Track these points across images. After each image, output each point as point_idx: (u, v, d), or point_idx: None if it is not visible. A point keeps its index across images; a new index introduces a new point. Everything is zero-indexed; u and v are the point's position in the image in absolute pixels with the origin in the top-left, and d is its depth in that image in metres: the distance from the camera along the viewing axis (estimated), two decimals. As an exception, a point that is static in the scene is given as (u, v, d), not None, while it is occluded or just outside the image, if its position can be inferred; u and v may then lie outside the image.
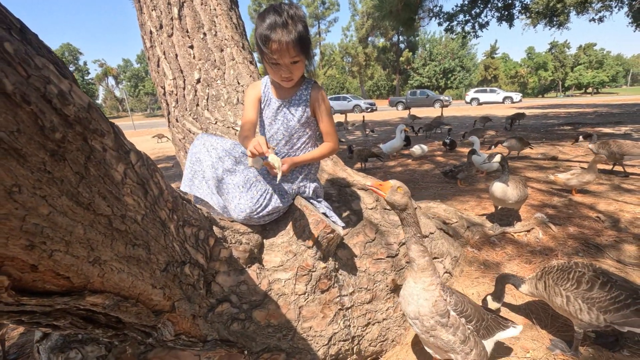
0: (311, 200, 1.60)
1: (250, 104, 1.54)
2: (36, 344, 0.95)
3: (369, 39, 47.77)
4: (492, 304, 1.97)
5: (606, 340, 1.79)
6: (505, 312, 2.11)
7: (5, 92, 0.46)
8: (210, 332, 1.11)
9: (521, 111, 12.20)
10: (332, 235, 1.47)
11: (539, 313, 2.06)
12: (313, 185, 1.60)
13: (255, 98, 1.56)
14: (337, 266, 1.61)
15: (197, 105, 2.34)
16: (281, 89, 1.50)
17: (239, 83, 2.40)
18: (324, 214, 1.58)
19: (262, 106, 1.55)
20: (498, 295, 1.95)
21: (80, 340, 0.93)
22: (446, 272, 2.36)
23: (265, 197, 1.41)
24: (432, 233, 2.40)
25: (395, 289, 1.91)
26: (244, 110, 1.54)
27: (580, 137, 5.38)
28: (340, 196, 2.07)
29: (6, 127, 0.46)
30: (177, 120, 2.40)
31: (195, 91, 2.35)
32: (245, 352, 1.18)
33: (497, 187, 3.01)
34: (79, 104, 0.58)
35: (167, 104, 2.45)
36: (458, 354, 1.39)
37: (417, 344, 1.86)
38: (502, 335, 1.55)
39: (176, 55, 2.36)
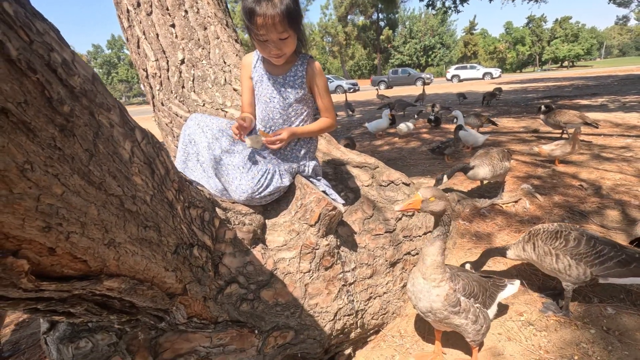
0: (311, 179, 1.59)
1: (245, 84, 1.50)
2: (43, 336, 0.92)
3: (349, 17, 46.87)
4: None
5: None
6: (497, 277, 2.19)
7: (9, 59, 0.41)
8: (221, 313, 1.10)
9: (498, 86, 12.31)
10: (333, 212, 1.47)
11: (531, 277, 2.14)
12: (312, 163, 1.58)
13: (247, 77, 1.52)
14: (338, 243, 1.62)
15: (183, 87, 2.26)
16: (275, 65, 1.43)
17: (225, 62, 2.31)
18: (324, 192, 1.57)
19: (255, 84, 1.50)
20: (478, 265, 2.04)
21: (89, 329, 0.91)
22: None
23: (266, 177, 1.38)
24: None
25: (394, 263, 1.94)
26: (241, 90, 1.50)
27: (542, 107, 5.52)
28: (336, 174, 2.06)
29: (13, 98, 0.42)
30: (162, 104, 2.31)
31: (180, 72, 2.26)
32: (256, 331, 1.19)
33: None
34: (83, 74, 0.53)
35: (151, 87, 2.35)
36: (469, 333, 1.42)
37: (415, 315, 1.91)
38: (502, 295, 1.61)
39: (157, 35, 2.25)
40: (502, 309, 1.84)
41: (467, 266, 2.07)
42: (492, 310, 1.52)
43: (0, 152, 0.40)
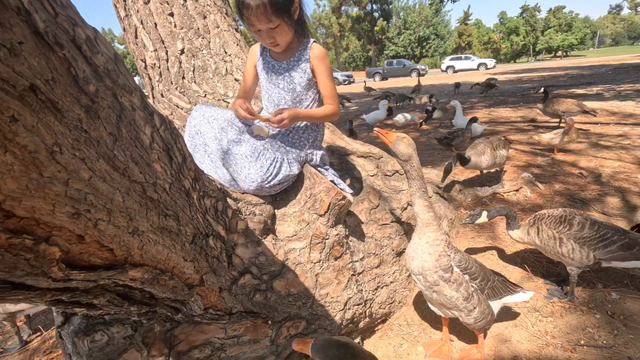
0: (319, 168, 1.57)
1: (247, 70, 1.51)
2: (57, 330, 0.91)
3: (342, 8, 46.40)
4: (483, 219, 2.01)
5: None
6: (501, 264, 2.19)
7: (37, 31, 0.39)
8: (235, 304, 1.09)
9: (493, 77, 12.35)
10: (343, 202, 1.46)
11: (535, 264, 2.15)
12: (320, 152, 1.57)
13: (252, 65, 1.53)
14: (347, 233, 1.61)
15: (183, 77, 2.21)
16: (278, 52, 1.44)
17: (226, 52, 2.27)
18: (332, 181, 1.55)
19: (260, 72, 1.50)
20: (492, 215, 2.00)
21: (104, 322, 0.89)
22: (444, 234, 2.43)
23: (275, 165, 1.36)
24: (430, 197, 2.43)
25: (400, 252, 1.94)
26: (243, 77, 1.50)
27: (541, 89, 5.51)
28: (342, 164, 2.05)
29: (41, 75, 0.40)
30: (162, 96, 2.27)
31: (180, 63, 2.21)
32: (269, 322, 1.18)
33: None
34: (106, 53, 0.51)
35: (150, 79, 2.30)
36: (461, 311, 1.38)
37: (421, 303, 1.92)
38: (510, 299, 1.53)
39: (155, 24, 2.20)
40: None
41: (485, 213, 2.00)
42: (494, 306, 1.46)
43: (30, 133, 0.38)
